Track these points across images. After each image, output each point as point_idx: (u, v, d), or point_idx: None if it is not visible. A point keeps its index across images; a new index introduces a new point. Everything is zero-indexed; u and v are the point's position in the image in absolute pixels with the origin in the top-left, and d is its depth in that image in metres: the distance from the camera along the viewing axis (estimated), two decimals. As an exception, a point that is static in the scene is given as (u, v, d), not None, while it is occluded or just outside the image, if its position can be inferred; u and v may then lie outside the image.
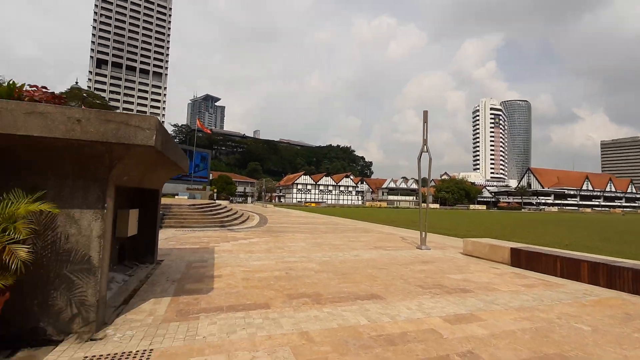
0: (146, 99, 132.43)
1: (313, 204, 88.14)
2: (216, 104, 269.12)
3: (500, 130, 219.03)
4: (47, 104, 3.20)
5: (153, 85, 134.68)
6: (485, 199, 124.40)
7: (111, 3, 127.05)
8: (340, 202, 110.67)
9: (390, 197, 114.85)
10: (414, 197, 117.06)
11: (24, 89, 3.51)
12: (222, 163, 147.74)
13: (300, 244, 10.35)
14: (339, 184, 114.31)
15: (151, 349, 2.98)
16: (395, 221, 25.76)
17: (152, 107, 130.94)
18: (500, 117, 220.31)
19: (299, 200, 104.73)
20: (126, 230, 4.91)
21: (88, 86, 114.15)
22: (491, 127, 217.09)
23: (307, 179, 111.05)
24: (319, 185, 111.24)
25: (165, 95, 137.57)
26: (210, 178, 46.57)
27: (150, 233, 6.14)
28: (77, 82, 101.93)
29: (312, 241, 11.03)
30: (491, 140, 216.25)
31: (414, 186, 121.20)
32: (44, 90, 3.66)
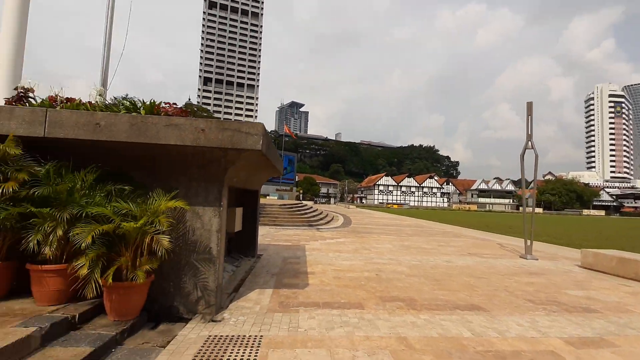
0: (241, 109, 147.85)
1: (395, 206, 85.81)
2: (300, 109, 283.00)
3: (623, 121, 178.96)
4: (178, 117, 3.78)
5: (247, 97, 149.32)
6: (603, 203, 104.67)
7: (214, 28, 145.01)
8: (424, 204, 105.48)
9: (481, 200, 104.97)
10: (511, 200, 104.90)
11: (161, 106, 4.20)
12: (306, 165, 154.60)
13: (386, 245, 10.19)
14: (422, 185, 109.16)
15: (261, 336, 3.26)
16: (490, 226, 23.44)
17: (246, 115, 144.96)
18: (623, 105, 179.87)
19: (380, 201, 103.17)
20: (234, 226, 5.49)
21: (197, 101, 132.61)
22: (611, 118, 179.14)
23: (388, 180, 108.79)
24: (400, 186, 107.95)
25: (257, 104, 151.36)
26: (296, 180, 49.11)
27: (252, 229, 6.75)
28: (189, 99, 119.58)
29: (399, 244, 10.75)
30: (611, 133, 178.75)
31: (510, 187, 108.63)
32: (174, 106, 4.34)
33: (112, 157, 3.65)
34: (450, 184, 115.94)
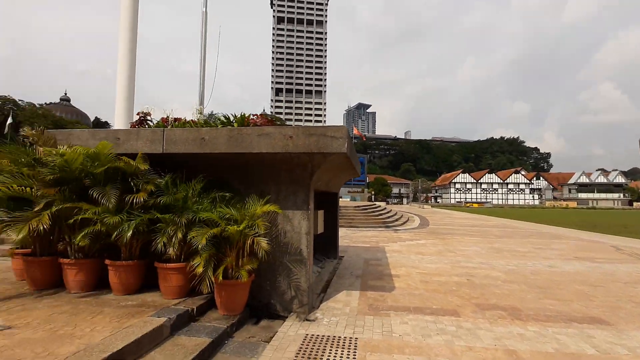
0: (310, 114, 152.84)
1: (475, 205, 79.42)
2: (367, 110, 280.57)
3: None
4: (267, 126, 4.04)
5: (315, 102, 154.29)
6: None
7: (282, 41, 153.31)
8: (509, 202, 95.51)
9: (582, 195, 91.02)
10: (621, 195, 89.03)
11: (250, 118, 4.54)
12: (376, 166, 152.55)
13: (473, 248, 9.47)
14: (507, 181, 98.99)
15: (356, 338, 3.28)
16: (598, 226, 20.20)
17: (315, 121, 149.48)
18: None
19: (458, 200, 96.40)
20: (317, 228, 5.64)
21: (270, 111, 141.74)
22: None
23: (466, 177, 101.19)
24: (480, 183, 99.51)
25: (325, 109, 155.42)
26: (367, 181, 48.75)
27: (333, 231, 6.87)
28: (263, 110, 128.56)
29: (488, 246, 9.90)
30: None
31: (619, 179, 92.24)
32: (261, 116, 4.65)
33: (213, 167, 4.05)
34: (541, 178, 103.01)
